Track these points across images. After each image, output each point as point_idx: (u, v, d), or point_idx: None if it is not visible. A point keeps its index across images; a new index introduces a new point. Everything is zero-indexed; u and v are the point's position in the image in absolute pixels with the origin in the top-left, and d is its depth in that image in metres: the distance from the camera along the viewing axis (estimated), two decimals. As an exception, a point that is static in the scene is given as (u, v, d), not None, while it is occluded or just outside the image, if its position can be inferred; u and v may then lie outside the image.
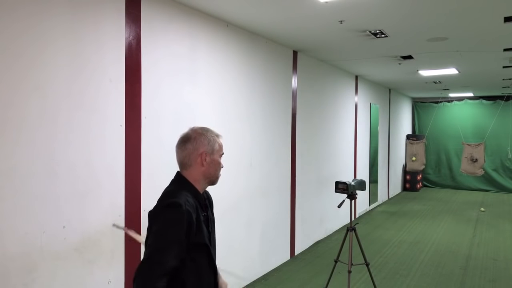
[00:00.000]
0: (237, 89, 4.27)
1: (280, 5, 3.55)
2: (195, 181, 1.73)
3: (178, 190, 1.67)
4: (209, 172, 1.74)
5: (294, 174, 5.43)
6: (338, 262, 4.07)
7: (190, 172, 1.73)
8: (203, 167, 1.73)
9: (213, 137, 1.76)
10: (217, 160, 1.76)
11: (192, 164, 1.72)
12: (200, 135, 1.73)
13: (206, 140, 1.73)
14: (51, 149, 2.47)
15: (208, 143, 1.73)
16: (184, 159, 1.73)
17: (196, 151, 1.71)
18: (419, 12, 3.73)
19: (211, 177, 1.76)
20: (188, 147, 1.72)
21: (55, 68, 2.49)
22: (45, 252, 2.44)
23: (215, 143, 1.75)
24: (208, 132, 1.76)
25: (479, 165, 9.24)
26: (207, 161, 1.73)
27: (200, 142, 1.72)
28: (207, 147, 1.73)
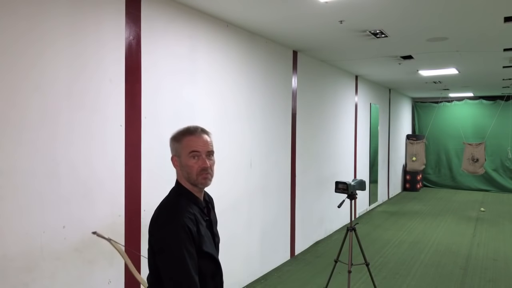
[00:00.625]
0: (237, 89, 4.27)
1: (280, 5, 3.55)
2: (187, 185, 1.65)
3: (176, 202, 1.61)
4: (185, 176, 1.63)
5: (294, 174, 5.43)
6: (338, 262, 4.07)
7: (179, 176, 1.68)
8: (180, 172, 1.65)
9: (178, 139, 1.64)
10: (186, 162, 1.61)
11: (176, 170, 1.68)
12: (170, 139, 1.67)
13: (172, 143, 1.67)
14: (51, 149, 2.47)
15: (173, 146, 1.66)
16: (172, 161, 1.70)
17: (171, 157, 1.68)
18: (419, 12, 3.73)
19: (191, 181, 1.63)
20: None
21: (56, 68, 2.49)
22: (45, 252, 2.44)
23: (180, 144, 1.63)
24: (176, 134, 1.66)
25: (480, 164, 9.25)
26: (178, 165, 1.65)
27: (170, 146, 1.67)
28: (173, 151, 1.66)
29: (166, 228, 1.53)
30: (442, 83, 8.68)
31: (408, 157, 10.90)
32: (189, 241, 1.51)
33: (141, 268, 2.99)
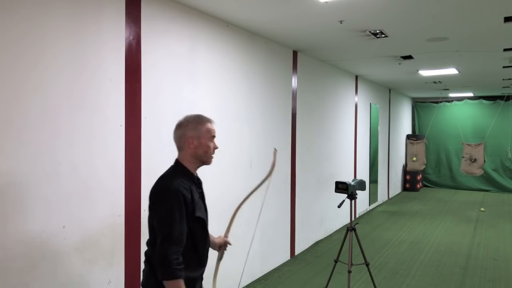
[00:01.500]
0: (237, 89, 4.27)
1: (280, 5, 3.55)
2: (188, 162, 1.98)
3: (173, 175, 1.93)
4: (198, 153, 1.98)
5: (294, 174, 5.43)
6: (338, 262, 4.07)
7: (183, 154, 1.99)
8: (191, 150, 1.97)
9: (202, 123, 1.99)
10: (205, 143, 1.98)
11: (183, 147, 1.99)
12: (189, 123, 1.99)
13: (193, 126, 1.98)
14: (52, 149, 2.47)
15: (194, 129, 1.97)
16: (177, 142, 2.01)
17: (184, 136, 1.97)
18: (419, 12, 3.73)
19: (201, 158, 2.00)
20: (179, 132, 1.99)
21: (56, 68, 2.49)
22: (45, 252, 2.44)
23: (203, 128, 1.98)
24: (197, 118, 2.01)
25: (478, 165, 9.23)
26: (194, 144, 1.96)
27: (188, 128, 1.97)
28: (193, 132, 1.97)
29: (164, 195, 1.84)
30: (442, 83, 8.68)
31: (408, 157, 10.91)
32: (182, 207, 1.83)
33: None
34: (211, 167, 3.56)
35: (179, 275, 1.77)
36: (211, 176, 3.86)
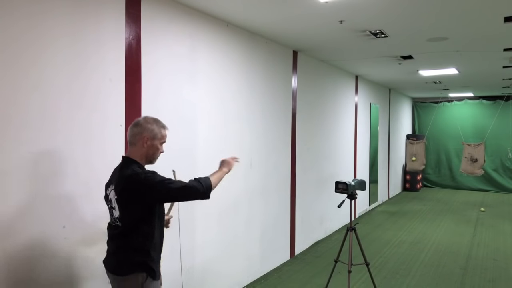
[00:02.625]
0: (237, 89, 4.27)
1: (280, 5, 3.55)
2: (138, 158, 2.19)
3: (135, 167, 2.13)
4: (148, 153, 2.20)
5: (294, 174, 5.43)
6: (338, 262, 4.07)
7: (135, 151, 2.19)
8: (144, 148, 2.18)
9: (158, 128, 2.20)
10: (156, 145, 2.21)
11: (136, 143, 2.18)
12: (147, 123, 2.18)
13: (151, 127, 2.18)
14: (51, 149, 2.47)
15: (151, 131, 2.18)
16: (131, 138, 2.19)
17: (140, 134, 2.17)
18: (419, 12, 3.73)
19: (149, 157, 2.22)
20: (135, 130, 2.18)
21: (56, 67, 2.49)
22: (46, 252, 2.44)
23: (158, 133, 2.20)
24: (155, 122, 2.21)
25: (479, 165, 9.24)
26: (148, 144, 2.18)
27: (145, 128, 2.17)
28: (149, 133, 2.17)
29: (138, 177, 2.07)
30: (442, 83, 8.68)
31: (408, 157, 10.91)
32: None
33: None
34: (212, 167, 3.55)
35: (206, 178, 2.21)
36: (211, 176, 3.86)
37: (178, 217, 3.17)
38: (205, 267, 3.80)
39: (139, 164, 2.17)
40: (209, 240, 3.86)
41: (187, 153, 3.57)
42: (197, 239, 3.70)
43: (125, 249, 2.13)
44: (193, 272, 3.65)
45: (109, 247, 2.25)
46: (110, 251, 2.23)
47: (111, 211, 2.21)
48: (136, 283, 2.11)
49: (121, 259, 2.14)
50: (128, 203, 2.10)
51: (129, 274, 2.11)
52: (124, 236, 2.13)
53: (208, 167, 3.82)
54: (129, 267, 2.11)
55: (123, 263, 2.13)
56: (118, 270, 2.15)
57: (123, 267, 2.13)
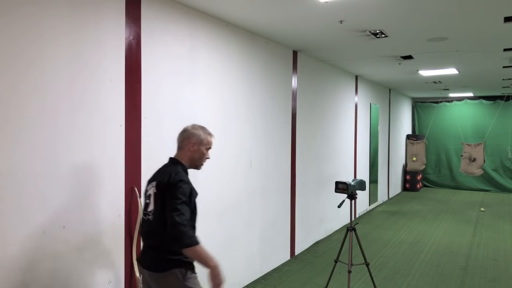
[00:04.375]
0: (237, 89, 4.27)
1: (280, 5, 3.55)
2: (183, 161, 2.35)
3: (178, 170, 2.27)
4: (194, 157, 2.36)
5: (294, 174, 5.43)
6: (338, 262, 4.07)
7: (182, 154, 2.36)
8: (190, 152, 2.35)
9: (204, 134, 2.38)
10: (202, 151, 2.37)
11: (184, 147, 2.36)
12: (194, 129, 2.37)
13: (197, 133, 2.35)
14: (51, 149, 2.47)
15: (198, 136, 2.35)
16: (180, 143, 2.37)
17: (188, 139, 2.35)
18: (419, 12, 3.73)
19: (195, 162, 2.38)
20: (184, 135, 2.37)
21: (55, 68, 2.49)
22: (45, 252, 2.44)
23: (205, 139, 2.37)
24: (201, 129, 2.39)
25: (478, 165, 9.23)
26: (194, 148, 2.34)
27: (192, 134, 2.35)
28: (197, 138, 2.35)
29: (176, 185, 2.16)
30: (442, 83, 8.68)
31: (408, 157, 10.91)
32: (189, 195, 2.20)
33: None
34: (212, 167, 3.55)
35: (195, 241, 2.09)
36: (211, 176, 3.86)
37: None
38: (205, 267, 3.80)
39: (183, 166, 2.33)
40: (209, 240, 3.85)
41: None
42: (197, 239, 3.70)
43: (160, 248, 2.19)
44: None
45: (144, 244, 2.34)
46: (146, 249, 2.31)
47: (147, 206, 2.30)
48: (176, 278, 2.17)
49: (157, 256, 2.20)
50: (161, 199, 2.20)
51: (168, 270, 2.17)
52: (156, 233, 2.21)
53: (208, 167, 3.82)
54: (167, 264, 2.18)
55: (161, 260, 2.19)
56: (156, 267, 2.20)
57: (161, 264, 2.19)
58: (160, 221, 2.18)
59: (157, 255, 2.20)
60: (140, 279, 2.36)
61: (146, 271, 2.26)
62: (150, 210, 2.25)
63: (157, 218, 2.20)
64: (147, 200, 2.31)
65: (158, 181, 2.26)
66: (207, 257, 2.10)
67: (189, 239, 2.06)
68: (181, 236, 2.06)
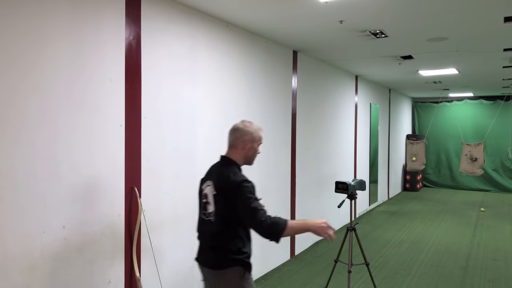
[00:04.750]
0: (237, 89, 4.27)
1: (280, 5, 3.55)
2: (237, 159, 2.34)
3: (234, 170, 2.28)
4: (248, 155, 2.36)
5: (294, 174, 5.43)
6: (338, 262, 4.06)
7: (235, 152, 2.34)
8: (244, 151, 2.34)
9: (256, 131, 2.36)
10: (255, 147, 2.37)
11: (237, 146, 2.33)
12: (246, 127, 2.35)
13: (250, 131, 2.33)
14: (51, 149, 2.47)
15: (251, 134, 2.33)
16: (233, 141, 2.34)
17: (241, 138, 2.32)
18: (419, 12, 3.73)
19: (248, 159, 2.39)
20: (236, 134, 2.34)
21: (55, 68, 2.49)
22: (45, 252, 2.44)
23: (257, 136, 2.36)
24: (254, 126, 2.38)
25: (479, 164, 9.23)
26: (248, 146, 2.33)
27: (245, 132, 2.33)
28: (249, 136, 2.33)
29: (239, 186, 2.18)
30: (442, 83, 8.68)
31: (408, 157, 10.91)
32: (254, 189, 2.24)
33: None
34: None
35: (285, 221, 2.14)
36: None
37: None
38: (205, 267, 3.80)
39: (238, 165, 2.34)
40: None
41: (188, 153, 3.57)
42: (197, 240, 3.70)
43: (220, 247, 2.23)
44: (193, 271, 3.64)
45: (203, 243, 2.36)
46: (205, 248, 2.34)
47: (205, 206, 2.31)
48: (235, 276, 2.22)
49: (218, 256, 2.24)
50: (223, 201, 2.22)
51: (228, 268, 2.21)
52: (218, 234, 2.24)
53: (208, 167, 3.82)
54: (228, 262, 2.22)
55: (221, 259, 2.23)
56: (216, 265, 2.24)
57: (222, 262, 2.23)
58: (222, 222, 2.22)
59: (218, 254, 2.24)
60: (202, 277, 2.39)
61: (205, 268, 2.31)
62: (211, 211, 2.27)
63: (219, 219, 2.23)
64: (204, 199, 2.33)
65: (215, 183, 2.27)
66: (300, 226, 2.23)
67: (279, 226, 2.12)
68: (272, 229, 2.11)
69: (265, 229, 2.12)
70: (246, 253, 2.27)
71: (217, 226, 2.23)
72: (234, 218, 2.20)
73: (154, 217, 3.21)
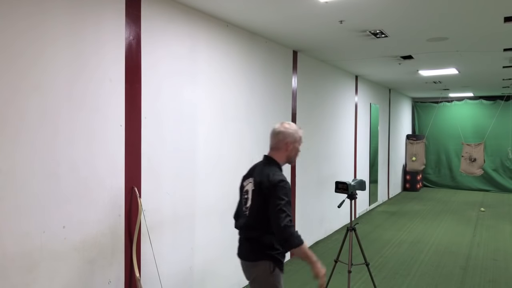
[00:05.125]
0: (237, 89, 4.27)
1: (280, 5, 3.55)
2: (280, 160, 2.50)
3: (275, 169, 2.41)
4: (291, 155, 2.53)
5: (294, 174, 5.43)
6: (338, 262, 4.07)
7: (278, 154, 2.50)
8: (287, 152, 2.50)
9: (296, 132, 2.52)
10: (297, 148, 2.55)
11: (280, 148, 2.49)
12: (287, 129, 2.50)
13: (291, 132, 2.49)
14: (51, 149, 2.47)
15: (292, 135, 2.49)
16: (276, 144, 2.50)
17: (284, 140, 2.48)
18: (419, 12, 3.73)
19: (290, 159, 2.55)
20: (279, 136, 2.49)
21: (56, 68, 2.49)
22: (45, 252, 2.44)
23: (298, 136, 2.52)
24: (295, 127, 2.54)
25: (478, 165, 9.23)
26: (290, 148, 2.50)
27: (287, 134, 2.48)
28: (291, 138, 2.49)
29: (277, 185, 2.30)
30: (442, 83, 8.68)
31: (408, 157, 10.91)
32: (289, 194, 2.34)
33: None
34: (213, 167, 3.55)
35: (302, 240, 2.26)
36: (212, 175, 3.86)
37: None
38: (205, 268, 3.80)
39: (279, 165, 2.49)
40: (209, 241, 3.86)
41: (188, 153, 3.57)
42: (197, 240, 3.70)
43: (254, 240, 2.39)
44: (192, 272, 3.65)
45: (240, 236, 2.53)
46: (242, 240, 2.51)
47: (245, 201, 2.47)
48: (265, 269, 2.35)
49: (252, 247, 2.41)
50: (260, 197, 2.36)
51: (259, 261, 2.36)
52: (252, 227, 2.40)
53: (208, 167, 3.82)
54: (260, 254, 2.37)
55: (255, 251, 2.39)
56: (248, 257, 2.43)
57: (253, 254, 2.40)
58: (257, 217, 2.36)
59: (252, 246, 2.40)
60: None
61: (241, 260, 2.49)
62: (248, 206, 2.42)
63: (255, 214, 2.37)
64: (245, 195, 2.48)
65: (256, 180, 2.41)
66: (309, 254, 2.30)
67: (297, 240, 2.24)
68: (290, 237, 2.22)
69: (283, 235, 2.23)
70: (278, 249, 2.36)
71: (252, 219, 2.39)
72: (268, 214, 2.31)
73: (154, 217, 3.21)
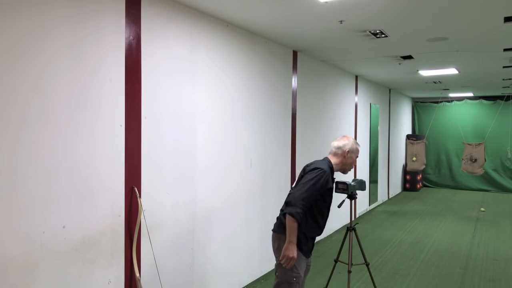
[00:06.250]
0: (237, 89, 4.27)
1: (280, 5, 3.55)
2: (335, 164, 2.92)
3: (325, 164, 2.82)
4: (347, 162, 2.96)
5: (294, 174, 5.43)
6: (338, 262, 4.06)
7: (335, 158, 2.95)
8: (344, 159, 2.94)
9: (355, 145, 2.98)
10: (353, 157, 2.97)
11: (339, 154, 2.95)
12: (349, 141, 2.97)
13: (350, 144, 2.95)
14: (51, 149, 2.47)
15: (351, 146, 2.95)
16: (336, 150, 2.95)
17: (343, 148, 2.94)
18: (419, 12, 3.73)
19: (345, 167, 2.98)
20: (340, 145, 2.96)
21: (56, 68, 2.49)
22: (45, 252, 2.44)
23: (355, 148, 2.97)
24: (354, 141, 3.00)
25: (479, 164, 9.24)
26: (348, 155, 2.94)
27: (346, 145, 2.94)
28: (350, 148, 2.94)
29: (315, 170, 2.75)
30: (442, 83, 8.68)
31: (408, 157, 10.91)
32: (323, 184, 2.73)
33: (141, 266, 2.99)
34: (213, 167, 3.55)
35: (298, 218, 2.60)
36: (212, 176, 3.86)
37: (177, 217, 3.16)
38: (205, 266, 3.80)
39: (331, 165, 2.88)
40: (209, 240, 3.86)
41: (188, 153, 3.57)
42: (197, 239, 3.71)
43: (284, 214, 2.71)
44: (193, 271, 3.65)
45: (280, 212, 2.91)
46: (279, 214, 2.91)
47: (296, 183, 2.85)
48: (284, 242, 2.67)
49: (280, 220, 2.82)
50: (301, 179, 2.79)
51: (283, 234, 2.71)
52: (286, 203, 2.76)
53: (208, 166, 3.82)
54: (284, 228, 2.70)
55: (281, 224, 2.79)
56: (276, 228, 2.86)
57: (280, 226, 2.81)
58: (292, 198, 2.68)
59: (281, 220, 2.80)
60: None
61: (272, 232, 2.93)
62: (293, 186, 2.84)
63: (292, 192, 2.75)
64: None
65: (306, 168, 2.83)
66: (293, 233, 2.61)
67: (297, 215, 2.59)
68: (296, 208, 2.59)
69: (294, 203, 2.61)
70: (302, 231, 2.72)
71: (289, 196, 2.75)
72: None
73: (154, 217, 3.22)
